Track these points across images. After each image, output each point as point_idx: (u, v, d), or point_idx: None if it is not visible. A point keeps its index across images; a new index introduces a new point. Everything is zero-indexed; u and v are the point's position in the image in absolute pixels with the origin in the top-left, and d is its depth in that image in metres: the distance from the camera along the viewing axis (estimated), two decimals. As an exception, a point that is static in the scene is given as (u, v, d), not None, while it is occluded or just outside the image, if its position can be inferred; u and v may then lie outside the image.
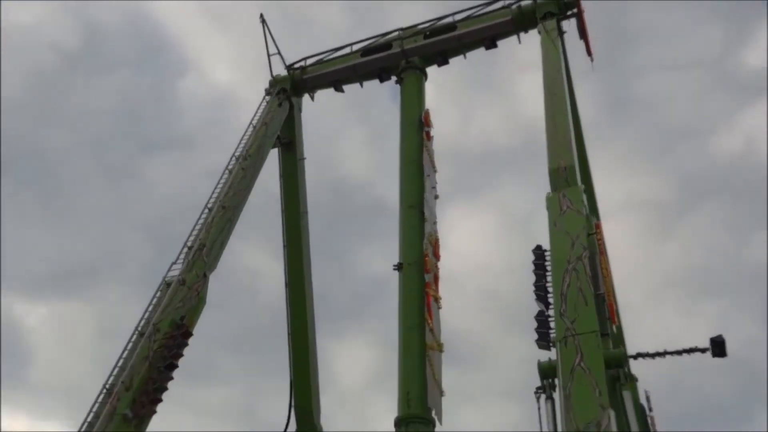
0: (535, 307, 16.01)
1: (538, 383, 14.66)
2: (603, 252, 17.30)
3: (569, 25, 24.62)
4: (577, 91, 24.92)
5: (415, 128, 25.68)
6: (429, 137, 25.87)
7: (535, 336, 15.64)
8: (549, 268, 16.03)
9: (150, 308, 18.69)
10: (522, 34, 25.47)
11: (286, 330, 24.63)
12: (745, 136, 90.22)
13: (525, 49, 25.89)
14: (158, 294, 19.02)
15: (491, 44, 26.36)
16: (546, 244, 16.43)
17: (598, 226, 18.18)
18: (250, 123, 24.71)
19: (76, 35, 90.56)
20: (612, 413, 12.94)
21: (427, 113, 26.32)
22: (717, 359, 15.13)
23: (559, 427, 13.42)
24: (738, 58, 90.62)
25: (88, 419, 16.46)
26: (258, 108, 25.53)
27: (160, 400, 17.40)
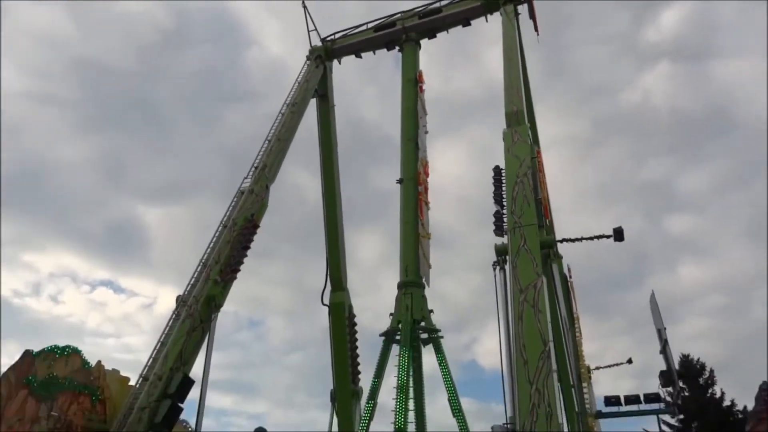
0: (494, 208, 16.30)
1: (495, 259, 15.03)
2: (541, 170, 17.48)
3: (523, 9, 24.24)
4: (527, 58, 24.72)
5: (412, 84, 25.78)
6: (422, 90, 26.08)
7: (493, 228, 15.97)
8: (504, 181, 16.20)
9: (230, 209, 19.05)
10: (489, 16, 25.11)
11: (323, 224, 25.06)
12: (643, 92, 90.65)
13: (491, 28, 25.52)
14: (235, 199, 19.34)
15: (467, 23, 26.16)
16: (502, 165, 16.55)
17: (538, 153, 18.32)
18: (296, 80, 24.59)
19: (171, 18, 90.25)
20: (544, 279, 13.34)
21: (420, 73, 26.32)
22: (618, 243, 15.50)
23: (508, 288, 13.81)
24: (640, 34, 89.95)
25: (191, 282, 17.05)
26: (301, 70, 25.42)
27: (239, 270, 17.98)
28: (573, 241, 15.23)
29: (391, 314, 21.83)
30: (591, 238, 14.98)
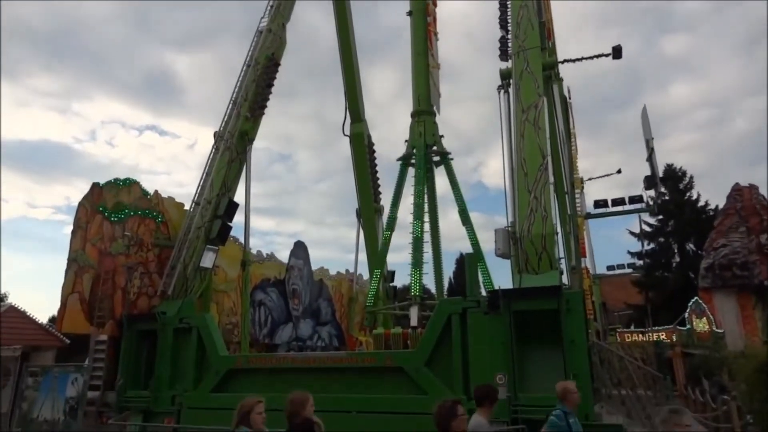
0: (499, 35, 15.44)
1: (500, 83, 14.60)
2: (546, -6, 16.16)
3: None
4: None
5: None
6: None
7: (498, 53, 15.28)
8: (509, 5, 15.10)
9: (251, 49, 18.34)
10: None
11: (340, 61, 24.11)
12: None
13: None
14: (255, 40, 18.52)
15: None
16: (508, -8, 15.28)
17: (544, -25, 16.70)
18: None
19: None
20: (545, 99, 13.08)
21: None
22: (615, 66, 14.95)
23: (511, 109, 13.64)
24: None
25: (225, 119, 17.10)
26: None
27: (266, 106, 17.87)
28: (573, 61, 14.55)
29: (405, 141, 21.95)
30: (591, 58, 14.30)
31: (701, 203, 34.53)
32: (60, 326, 12.97)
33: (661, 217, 34.77)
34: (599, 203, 12.53)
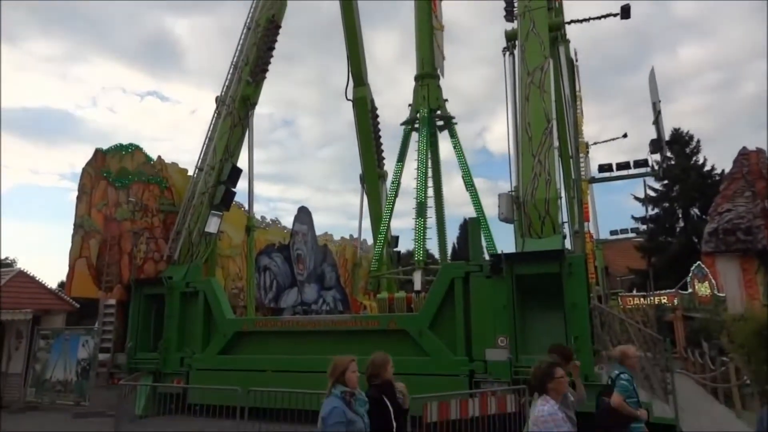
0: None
1: (505, 45, 14.30)
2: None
3: None
4: None
5: None
6: None
7: (504, 14, 14.90)
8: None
9: (251, 11, 17.97)
10: None
11: (342, 24, 23.61)
12: None
13: None
14: (255, 1, 18.14)
15: None
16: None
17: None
18: None
19: None
20: (551, 61, 12.84)
21: None
22: (624, 28, 14.58)
23: (517, 71, 13.41)
24: None
25: (225, 83, 16.90)
26: None
27: (267, 70, 17.63)
28: (581, 21, 14.23)
29: (409, 105, 21.72)
30: (598, 18, 13.95)
31: (707, 168, 34.28)
32: (69, 290, 13.19)
33: (666, 182, 34.55)
34: (604, 167, 12.36)
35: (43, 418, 12.27)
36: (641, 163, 12.43)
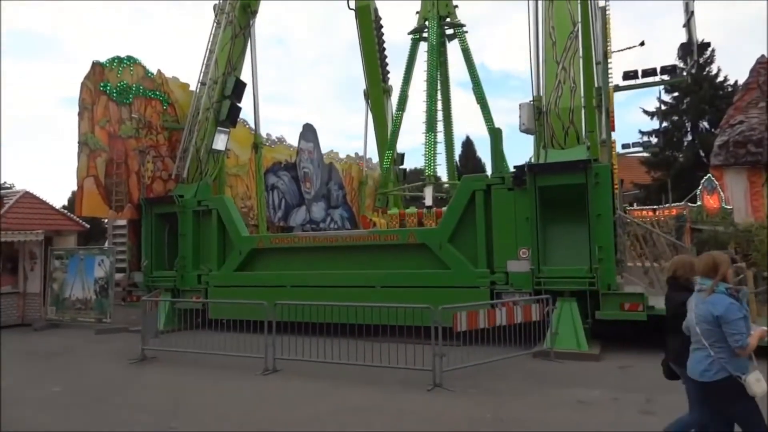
0: None
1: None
2: None
3: None
4: None
5: None
6: None
7: None
8: None
9: None
10: None
11: None
12: None
13: None
14: None
15: None
16: None
17: None
18: None
19: None
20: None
21: None
22: None
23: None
24: None
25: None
26: None
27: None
28: None
29: (417, 12, 20.53)
30: None
31: (720, 79, 33.13)
32: (79, 210, 12.95)
33: (676, 94, 33.54)
34: (629, 74, 11.67)
35: (68, 334, 12.50)
36: (668, 69, 11.73)
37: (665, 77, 12.08)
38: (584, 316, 9.27)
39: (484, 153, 44.47)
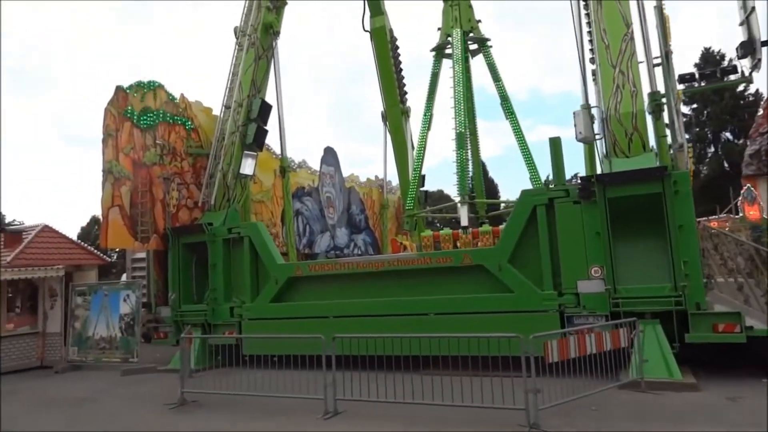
0: None
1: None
2: None
3: None
4: None
5: None
6: None
7: None
8: None
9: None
10: None
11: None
12: None
13: None
14: None
15: None
16: None
17: None
18: None
19: None
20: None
21: None
22: None
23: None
24: None
25: (244, 12, 15.27)
26: None
27: (289, -6, 15.96)
28: None
29: (438, 29, 20.04)
30: None
31: (740, 88, 32.52)
32: (104, 242, 12.15)
33: (695, 105, 32.98)
34: (685, 77, 10.93)
35: (92, 376, 11.58)
36: (729, 70, 11.04)
37: (732, 77, 11.28)
38: (669, 341, 8.34)
39: (496, 174, 43.81)
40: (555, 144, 9.77)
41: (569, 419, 6.42)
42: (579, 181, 9.57)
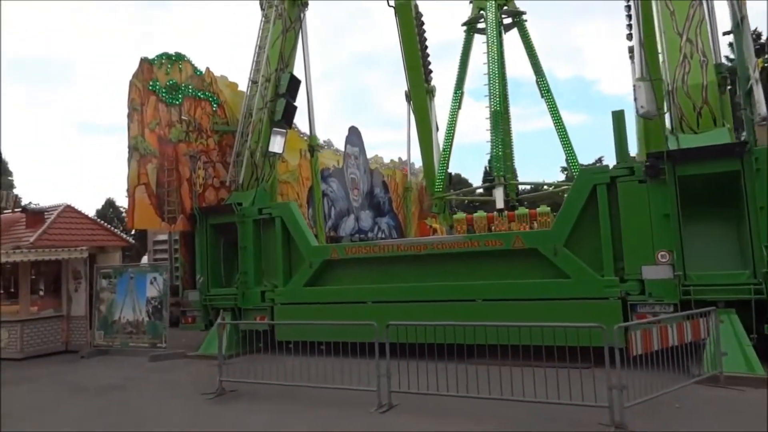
0: None
1: None
2: None
3: None
4: None
5: None
6: None
7: None
8: None
9: None
10: None
11: None
12: None
13: None
14: None
15: None
16: None
17: None
18: None
19: None
20: None
21: None
22: None
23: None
24: None
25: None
26: None
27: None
28: None
29: (470, 2, 19.22)
30: None
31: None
32: (131, 222, 11.68)
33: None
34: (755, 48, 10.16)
35: (120, 362, 11.17)
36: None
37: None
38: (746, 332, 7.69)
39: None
40: (618, 118, 9.06)
41: (652, 419, 5.83)
42: (600, 164, 8.93)
